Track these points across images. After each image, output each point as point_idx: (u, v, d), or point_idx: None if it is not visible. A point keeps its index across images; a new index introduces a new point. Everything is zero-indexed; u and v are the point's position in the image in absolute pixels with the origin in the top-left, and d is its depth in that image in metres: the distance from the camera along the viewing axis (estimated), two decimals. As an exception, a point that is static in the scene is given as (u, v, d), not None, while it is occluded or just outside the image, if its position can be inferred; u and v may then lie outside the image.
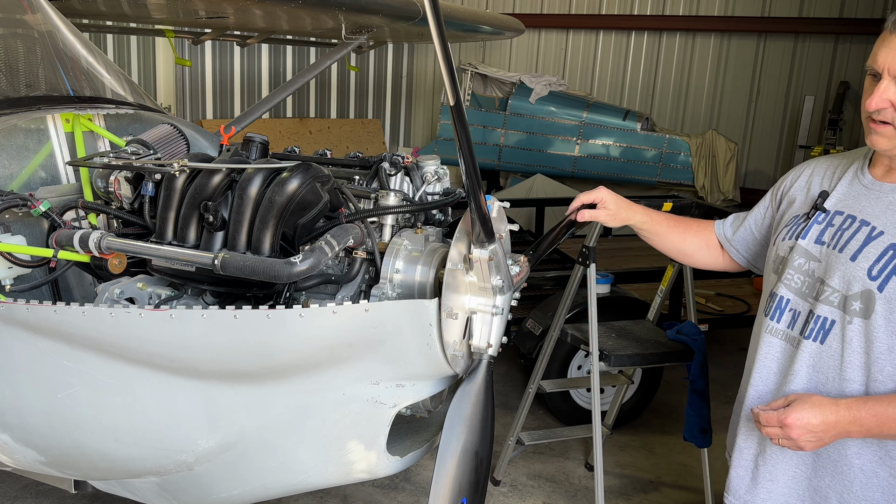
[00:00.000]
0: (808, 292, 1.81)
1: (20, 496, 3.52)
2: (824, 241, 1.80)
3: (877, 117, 1.67)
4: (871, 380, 1.70)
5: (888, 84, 1.63)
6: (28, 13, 2.74)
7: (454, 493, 1.72)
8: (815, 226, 1.83)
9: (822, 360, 1.76)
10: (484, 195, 1.64)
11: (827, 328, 1.75)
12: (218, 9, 4.27)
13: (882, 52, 1.64)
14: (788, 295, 1.85)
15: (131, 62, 9.20)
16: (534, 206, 6.51)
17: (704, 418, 3.36)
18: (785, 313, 1.85)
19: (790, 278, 1.84)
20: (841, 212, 1.80)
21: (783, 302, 1.86)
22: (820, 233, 1.82)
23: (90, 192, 2.24)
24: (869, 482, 1.74)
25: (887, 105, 1.64)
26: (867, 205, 1.76)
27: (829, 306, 1.74)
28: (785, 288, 1.86)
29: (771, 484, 1.85)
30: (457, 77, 1.46)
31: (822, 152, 7.68)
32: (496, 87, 8.93)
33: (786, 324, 1.84)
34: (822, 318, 1.75)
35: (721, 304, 5.13)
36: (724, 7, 9.55)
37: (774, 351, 1.86)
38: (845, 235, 1.76)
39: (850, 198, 1.81)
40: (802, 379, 1.78)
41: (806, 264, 1.82)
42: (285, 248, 1.93)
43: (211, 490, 2.11)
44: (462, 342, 1.82)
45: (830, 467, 1.77)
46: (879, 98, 1.64)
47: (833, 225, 1.80)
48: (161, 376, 1.90)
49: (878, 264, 1.67)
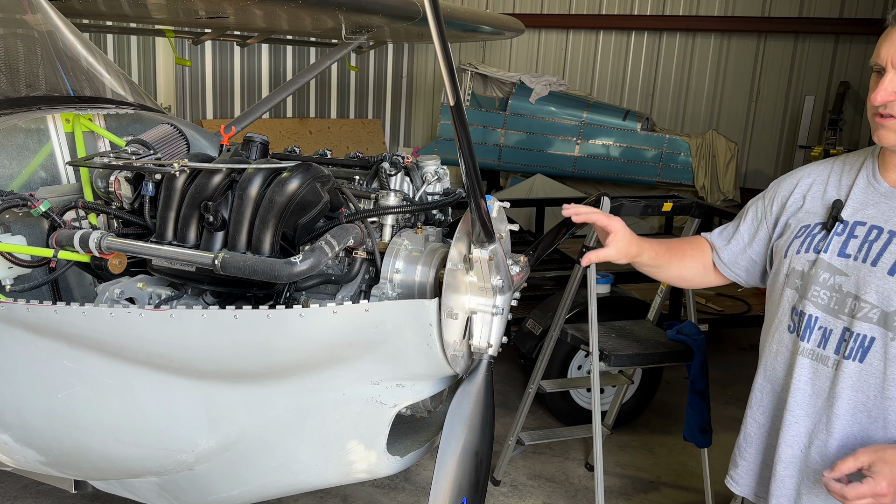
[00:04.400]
0: (837, 308, 1.75)
1: (20, 496, 3.52)
2: (849, 254, 1.75)
3: (883, 111, 1.66)
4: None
5: (893, 76, 1.63)
6: (28, 13, 2.74)
7: (454, 493, 1.72)
8: (836, 238, 1.78)
9: (862, 378, 1.71)
10: (484, 195, 1.64)
11: (867, 346, 1.70)
12: (218, 9, 4.27)
13: (885, 47, 1.65)
14: (816, 312, 1.79)
15: (131, 62, 9.20)
16: (534, 206, 6.51)
17: (704, 418, 3.36)
18: (814, 332, 1.79)
19: (816, 295, 1.78)
20: (862, 222, 1.76)
21: (812, 321, 1.79)
22: (842, 245, 1.77)
23: (90, 192, 2.24)
24: None
25: (893, 98, 1.64)
26: (892, 214, 1.73)
27: (867, 323, 1.69)
28: (812, 306, 1.79)
29: None
30: (457, 77, 1.46)
31: (822, 152, 7.68)
32: (496, 87, 8.92)
33: (815, 343, 1.78)
34: (862, 336, 1.70)
35: (721, 304, 5.14)
36: (724, 7, 9.54)
37: (807, 372, 1.80)
38: (875, 248, 1.71)
39: (868, 207, 1.77)
40: (845, 401, 1.73)
41: (831, 279, 1.76)
42: (285, 248, 1.93)
43: (211, 490, 2.11)
44: (462, 342, 1.82)
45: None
46: (885, 91, 1.64)
47: (856, 236, 1.75)
48: (161, 376, 1.90)
49: None
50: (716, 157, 8.12)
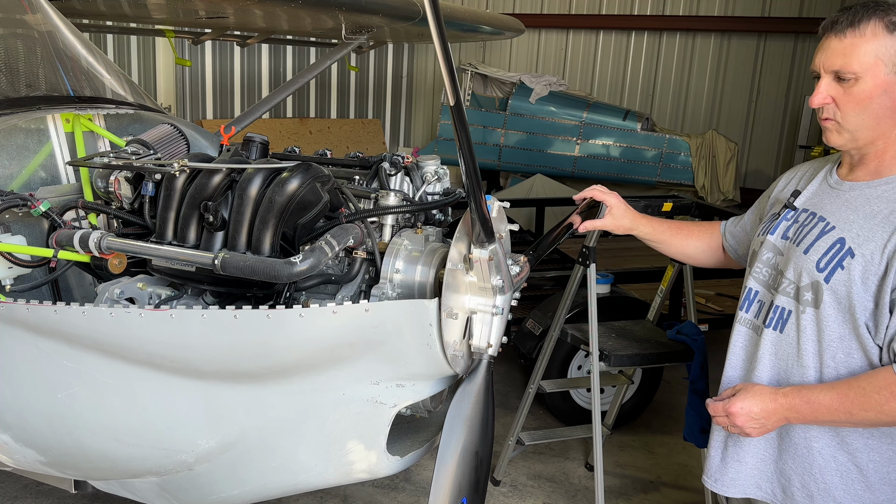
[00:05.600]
0: (771, 283, 1.92)
1: (20, 496, 3.52)
2: (788, 237, 1.91)
3: (820, 115, 1.80)
4: (825, 366, 1.79)
5: (826, 81, 1.76)
6: (28, 13, 2.74)
7: (454, 493, 1.72)
8: (784, 222, 1.94)
9: (781, 347, 1.87)
10: (484, 195, 1.64)
11: (785, 318, 1.86)
12: (218, 9, 4.27)
13: (818, 55, 1.78)
14: (757, 287, 1.97)
15: (131, 62, 9.20)
16: (534, 206, 6.50)
17: (704, 418, 3.34)
18: (753, 304, 1.97)
19: (759, 271, 1.96)
20: (807, 210, 1.91)
21: (752, 293, 1.97)
22: (786, 229, 1.93)
23: (90, 192, 2.24)
24: (827, 466, 1.82)
25: (829, 101, 1.77)
26: (828, 202, 1.87)
27: (785, 297, 1.85)
28: (754, 280, 1.97)
29: (739, 465, 1.95)
30: (457, 77, 1.46)
31: (822, 152, 7.68)
32: (496, 87, 8.93)
33: (753, 314, 1.96)
34: (780, 308, 1.86)
35: (721, 304, 5.13)
36: (724, 7, 9.55)
37: (742, 339, 1.98)
38: (805, 230, 1.86)
39: (816, 196, 1.92)
40: (766, 366, 1.89)
41: (773, 258, 1.93)
42: (285, 248, 1.93)
43: (211, 490, 2.11)
44: (462, 342, 1.82)
45: (793, 451, 1.86)
46: (820, 95, 1.77)
47: (798, 222, 1.91)
48: (161, 376, 1.90)
49: (826, 257, 1.77)
50: (716, 157, 8.13)
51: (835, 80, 1.75)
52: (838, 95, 1.75)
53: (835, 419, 1.74)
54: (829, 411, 1.72)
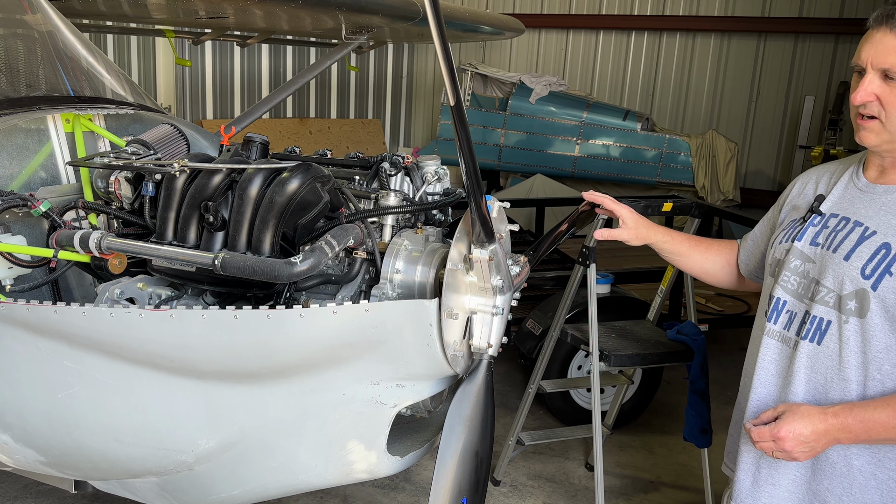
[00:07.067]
0: (803, 293, 1.82)
1: (20, 496, 3.52)
2: (819, 243, 1.81)
3: (863, 111, 1.70)
4: (870, 378, 1.70)
5: (872, 77, 1.67)
6: (28, 13, 2.74)
7: (454, 493, 1.72)
8: (811, 228, 1.85)
9: (819, 360, 1.77)
10: (484, 195, 1.64)
11: (823, 329, 1.76)
12: (218, 9, 4.27)
13: (865, 48, 1.68)
14: (785, 297, 1.86)
15: (131, 62, 9.20)
16: (534, 206, 6.50)
17: (704, 418, 3.36)
18: (782, 315, 1.86)
19: (786, 280, 1.86)
20: (836, 214, 1.82)
21: (780, 304, 1.87)
22: (815, 235, 1.83)
23: (90, 192, 2.24)
24: (867, 484, 1.75)
25: (872, 98, 1.67)
26: (861, 206, 1.78)
27: (824, 306, 1.75)
28: (781, 290, 1.87)
29: (773, 489, 1.86)
30: (457, 77, 1.46)
31: (822, 152, 7.68)
32: (496, 87, 8.92)
33: (782, 325, 1.86)
34: (819, 319, 1.76)
35: (721, 304, 5.13)
36: (724, 7, 9.54)
37: (772, 353, 1.87)
38: (839, 236, 1.77)
39: (844, 201, 1.83)
40: (801, 381, 1.79)
41: (802, 266, 1.83)
42: (285, 249, 1.93)
43: (211, 490, 2.11)
44: (462, 342, 1.82)
45: (829, 470, 1.78)
46: (864, 92, 1.67)
47: (828, 227, 1.82)
48: (161, 376, 1.90)
49: (871, 263, 1.69)
50: (716, 157, 8.13)
51: (881, 78, 1.65)
52: (884, 94, 1.65)
53: (891, 436, 1.66)
54: (885, 429, 1.63)
